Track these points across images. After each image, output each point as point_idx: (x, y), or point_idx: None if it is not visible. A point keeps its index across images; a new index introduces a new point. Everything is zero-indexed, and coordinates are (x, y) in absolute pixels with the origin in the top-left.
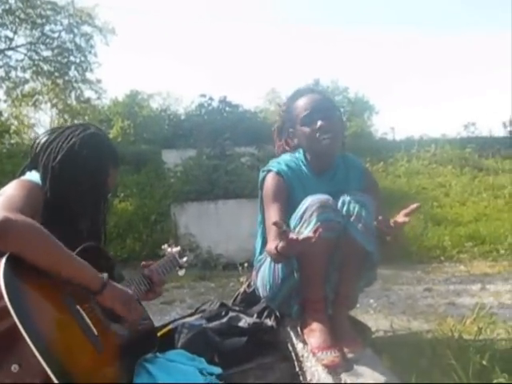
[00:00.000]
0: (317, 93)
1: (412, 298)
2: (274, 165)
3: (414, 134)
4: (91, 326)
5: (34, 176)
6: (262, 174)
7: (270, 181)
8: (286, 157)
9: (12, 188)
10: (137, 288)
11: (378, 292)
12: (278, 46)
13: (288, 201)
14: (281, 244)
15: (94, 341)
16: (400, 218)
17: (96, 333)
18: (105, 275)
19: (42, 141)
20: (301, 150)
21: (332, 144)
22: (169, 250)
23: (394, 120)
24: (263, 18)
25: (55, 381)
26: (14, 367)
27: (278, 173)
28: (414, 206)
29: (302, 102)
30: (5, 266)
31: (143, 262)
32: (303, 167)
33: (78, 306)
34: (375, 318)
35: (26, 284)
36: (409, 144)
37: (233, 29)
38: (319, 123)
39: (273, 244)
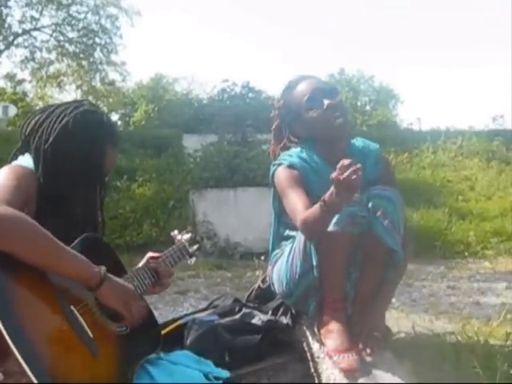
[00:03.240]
0: (311, 77)
1: (435, 296)
2: (285, 158)
3: (441, 126)
4: (86, 327)
5: (26, 160)
6: (272, 169)
7: (282, 173)
8: (296, 149)
9: (0, 177)
10: (140, 282)
11: (400, 288)
12: (302, 32)
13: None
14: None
15: (89, 344)
16: None
17: (91, 335)
18: (102, 268)
19: (33, 121)
20: (309, 142)
21: (345, 123)
22: (178, 237)
23: (420, 110)
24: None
25: None
26: None
27: (291, 166)
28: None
29: (300, 89)
30: None
31: (150, 254)
32: (316, 157)
33: (72, 306)
34: (396, 318)
35: (14, 283)
36: (435, 135)
37: (258, 13)
38: (326, 102)
39: (306, 213)
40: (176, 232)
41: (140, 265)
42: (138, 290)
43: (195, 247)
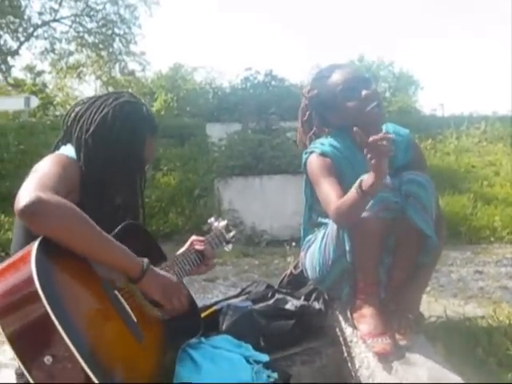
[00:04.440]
0: (344, 66)
1: (463, 281)
2: (317, 146)
3: (464, 111)
4: (130, 312)
5: (69, 150)
6: (304, 157)
7: (315, 161)
8: (328, 137)
9: (45, 164)
10: (182, 266)
11: None
12: (323, 20)
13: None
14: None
15: (134, 329)
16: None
17: (135, 320)
18: (145, 261)
19: (74, 112)
20: (342, 130)
21: (382, 113)
22: (215, 224)
23: (440, 96)
24: None
25: (90, 373)
26: (47, 359)
27: (323, 154)
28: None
29: (335, 79)
30: (38, 249)
31: (194, 237)
32: (348, 145)
33: (116, 291)
34: (427, 302)
35: (60, 268)
36: (458, 121)
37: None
38: (363, 92)
39: (339, 201)
40: (213, 219)
41: (182, 249)
42: (180, 275)
43: (232, 234)
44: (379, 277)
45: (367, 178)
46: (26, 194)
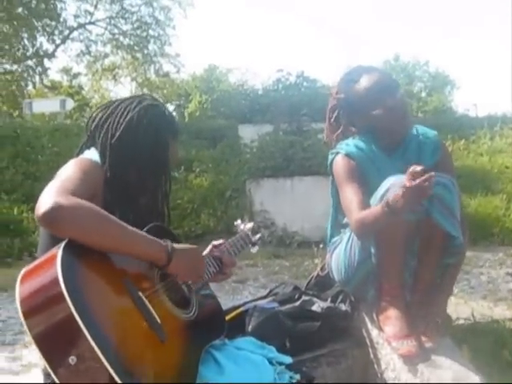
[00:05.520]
0: (373, 70)
1: (493, 283)
2: (343, 147)
3: (498, 111)
4: (154, 313)
5: (92, 154)
6: (330, 157)
7: (340, 162)
8: (354, 138)
9: (68, 169)
10: (207, 268)
11: (458, 275)
12: (357, 19)
13: (362, 183)
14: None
15: (157, 329)
16: None
17: (159, 320)
18: (169, 244)
19: (98, 117)
20: (367, 132)
21: (407, 121)
22: (241, 226)
23: (476, 96)
24: None
25: (113, 373)
26: (72, 359)
27: (348, 155)
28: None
29: (362, 84)
30: (63, 251)
31: (213, 242)
32: (373, 147)
33: (140, 293)
34: (455, 304)
35: (85, 270)
36: (492, 121)
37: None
38: (390, 101)
39: (363, 214)
40: (239, 221)
41: (204, 253)
42: (205, 277)
43: (258, 236)
44: (404, 279)
45: (397, 199)
46: (45, 201)
